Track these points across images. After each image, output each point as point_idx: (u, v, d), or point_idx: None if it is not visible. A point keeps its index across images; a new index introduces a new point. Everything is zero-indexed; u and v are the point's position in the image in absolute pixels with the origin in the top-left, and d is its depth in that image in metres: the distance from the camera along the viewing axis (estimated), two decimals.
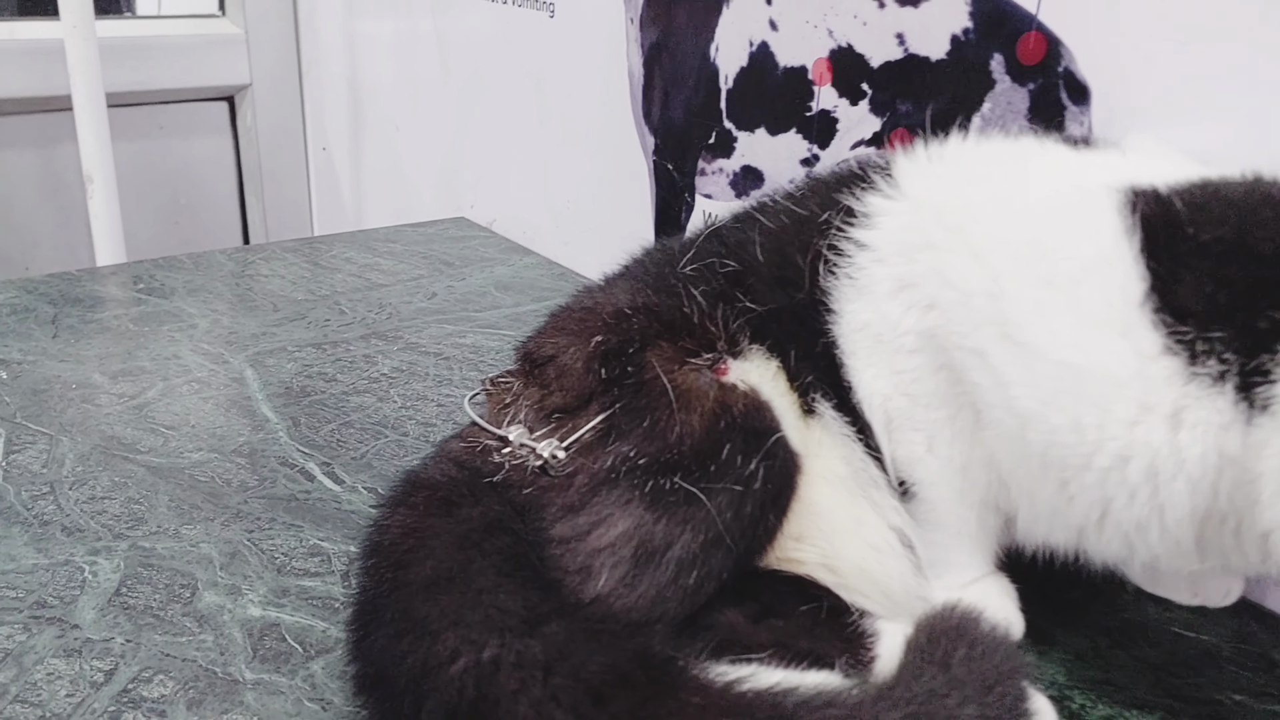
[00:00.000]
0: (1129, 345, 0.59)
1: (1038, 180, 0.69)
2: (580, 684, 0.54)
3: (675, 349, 0.68)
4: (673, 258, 0.78)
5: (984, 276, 0.64)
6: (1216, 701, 0.71)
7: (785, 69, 1.11)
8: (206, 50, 2.04)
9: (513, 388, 0.73)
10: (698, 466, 0.63)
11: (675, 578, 0.62)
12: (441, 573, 0.61)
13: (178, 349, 1.16)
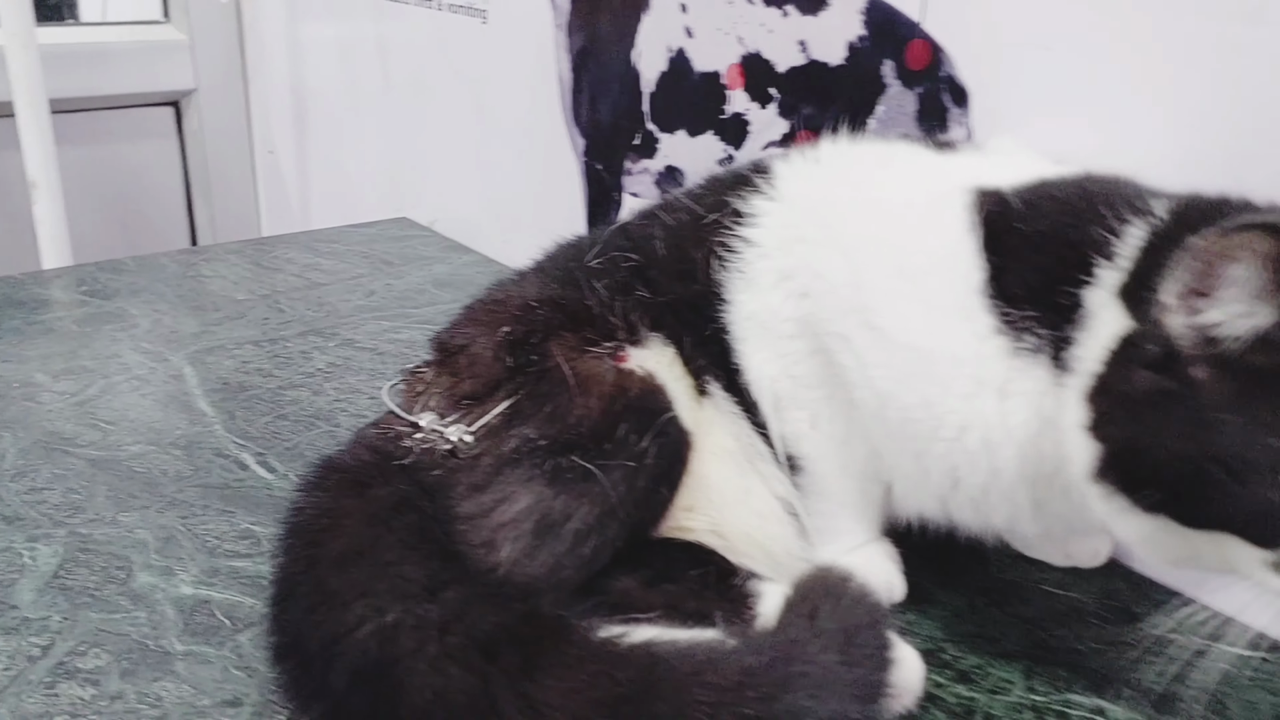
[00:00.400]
0: (968, 328, 0.67)
1: (901, 182, 0.76)
2: (473, 641, 0.60)
3: (577, 338, 0.74)
4: (580, 253, 0.84)
5: (848, 268, 0.72)
6: (1078, 651, 0.78)
7: (701, 74, 1.17)
8: (151, 56, 2.06)
9: (426, 377, 0.78)
10: (594, 445, 0.69)
11: (573, 548, 0.68)
12: (351, 548, 0.66)
13: (119, 348, 1.19)
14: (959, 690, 0.73)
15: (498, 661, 0.58)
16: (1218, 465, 0.57)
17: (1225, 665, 0.76)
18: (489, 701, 0.57)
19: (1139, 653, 0.78)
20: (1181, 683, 0.74)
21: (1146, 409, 0.60)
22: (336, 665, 0.61)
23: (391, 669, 0.59)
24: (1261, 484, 0.56)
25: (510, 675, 0.58)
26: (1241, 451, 0.56)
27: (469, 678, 0.58)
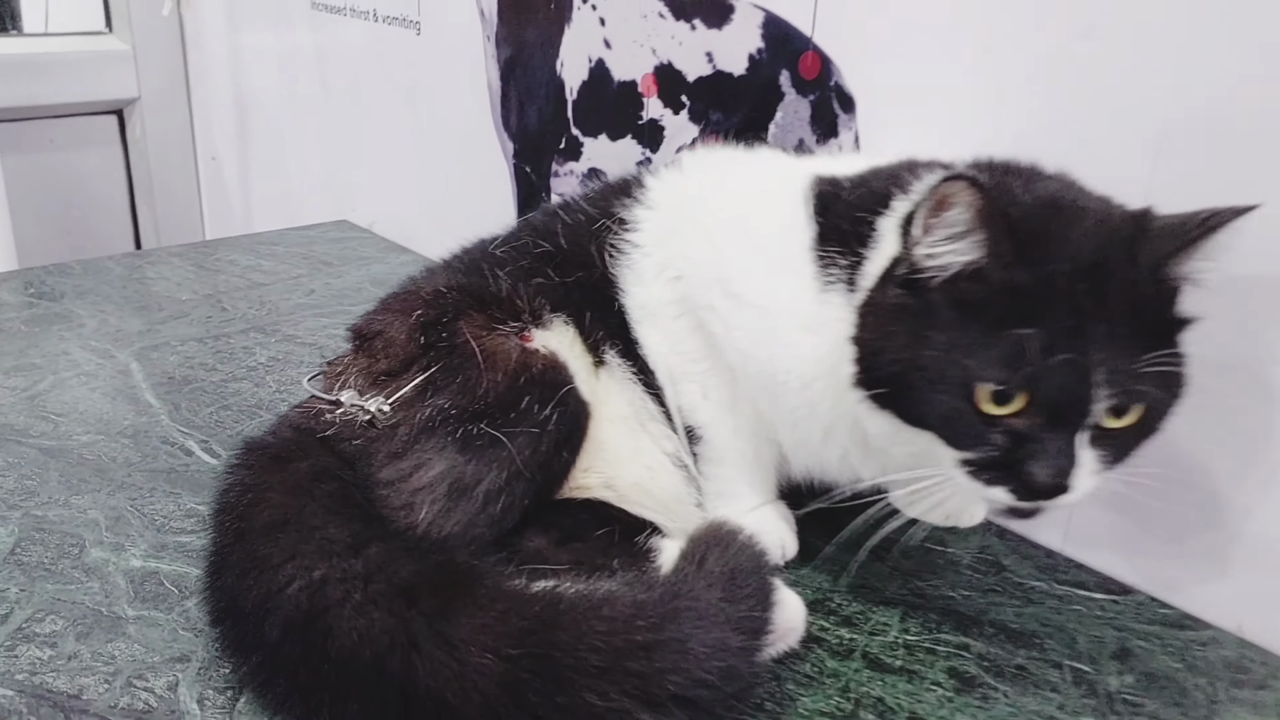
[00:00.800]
0: (796, 281, 0.79)
1: (753, 175, 0.88)
2: (394, 588, 0.67)
3: (485, 318, 0.82)
4: (485, 247, 0.93)
5: (710, 248, 0.84)
6: (949, 598, 0.87)
7: (619, 83, 1.25)
8: (95, 66, 2.10)
9: (344, 362, 0.85)
10: (501, 414, 0.77)
11: (484, 507, 0.76)
12: (277, 518, 0.72)
13: (67, 346, 1.25)
14: (841, 632, 0.82)
15: (417, 605, 0.66)
16: (921, 373, 0.69)
17: (1079, 607, 0.86)
18: (409, 639, 0.64)
19: (1003, 598, 0.87)
20: (1038, 621, 0.84)
21: (889, 319, 0.72)
22: (270, 619, 0.67)
23: (321, 617, 0.66)
24: (950, 394, 0.68)
25: (428, 616, 0.65)
26: (938, 364, 0.68)
27: (391, 620, 0.65)
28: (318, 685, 0.65)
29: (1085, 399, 0.66)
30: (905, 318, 0.70)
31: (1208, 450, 0.84)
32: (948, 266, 0.68)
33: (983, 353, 0.66)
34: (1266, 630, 0.83)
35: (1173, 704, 0.75)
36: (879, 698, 0.75)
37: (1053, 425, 0.67)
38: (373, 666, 0.63)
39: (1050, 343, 0.65)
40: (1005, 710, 0.74)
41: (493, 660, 0.62)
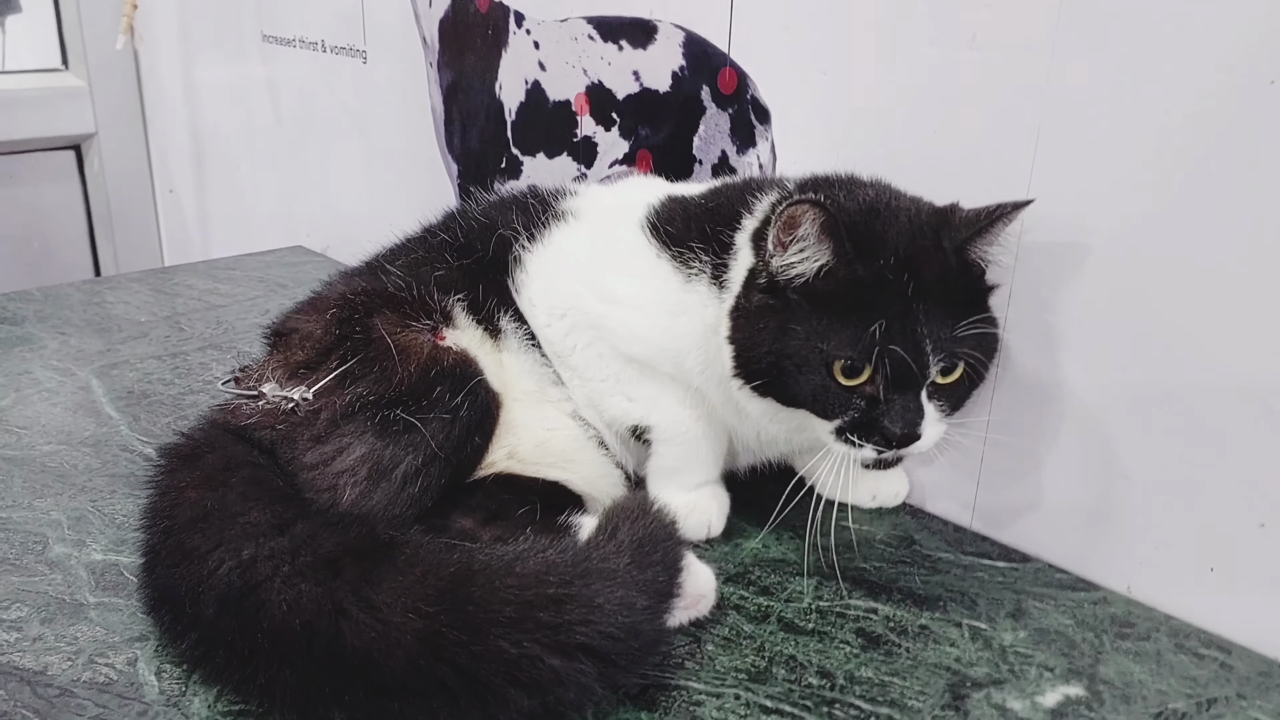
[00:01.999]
0: (659, 283, 0.92)
1: (608, 208, 1.00)
2: (319, 560, 0.72)
3: (397, 316, 0.89)
4: (390, 255, 1.03)
5: (587, 276, 0.95)
6: (862, 569, 0.94)
7: (554, 103, 1.33)
8: (51, 102, 2.15)
9: (261, 362, 0.91)
10: (414, 402, 0.84)
11: (403, 487, 0.82)
12: (199, 512, 0.77)
13: (29, 366, 1.29)
14: (759, 600, 0.88)
15: (341, 574, 0.71)
16: (789, 360, 0.83)
17: (981, 574, 0.94)
18: (334, 605, 0.69)
19: (912, 568, 0.94)
20: (943, 588, 0.91)
21: (756, 319, 0.85)
22: (203, 600, 0.72)
23: (253, 593, 0.71)
24: (815, 374, 0.82)
25: (352, 583, 0.70)
26: (802, 351, 0.82)
27: (318, 590, 0.70)
28: (254, 653, 0.70)
29: (919, 365, 0.80)
30: (770, 316, 0.84)
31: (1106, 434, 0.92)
32: (803, 273, 0.82)
33: (835, 336, 0.81)
34: (1152, 590, 0.90)
35: (1061, 654, 0.82)
36: (791, 655, 0.81)
37: (897, 388, 0.82)
38: (303, 633, 0.69)
39: (886, 324, 0.79)
40: (907, 663, 0.81)
41: (413, 618, 0.68)
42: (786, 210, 0.79)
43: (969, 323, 0.82)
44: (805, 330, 0.81)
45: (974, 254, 0.84)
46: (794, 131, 1.09)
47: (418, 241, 1.04)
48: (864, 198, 0.86)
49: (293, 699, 0.69)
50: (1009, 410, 0.96)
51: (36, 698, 0.73)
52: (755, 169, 1.13)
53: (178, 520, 0.78)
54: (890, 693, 0.77)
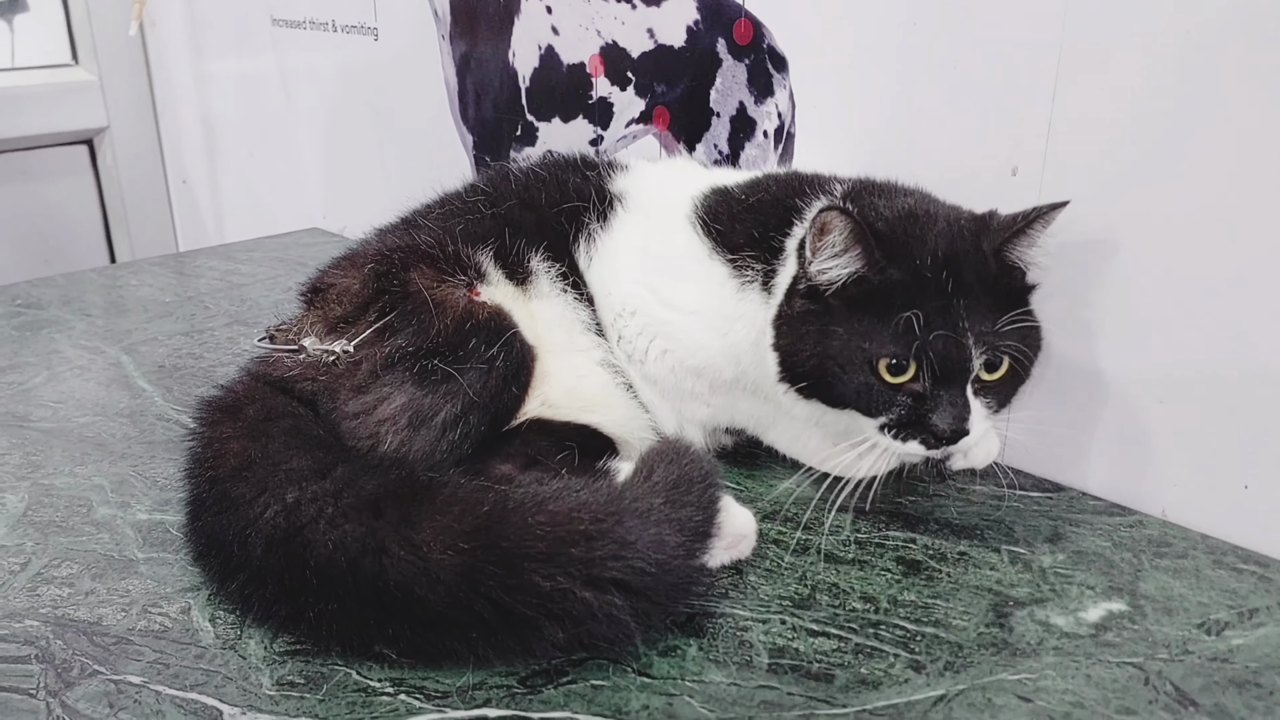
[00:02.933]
0: (715, 287, 0.94)
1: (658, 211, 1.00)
2: (361, 502, 0.74)
3: (434, 272, 0.90)
4: (423, 210, 1.04)
5: (647, 278, 0.98)
6: (898, 503, 0.95)
7: (569, 66, 1.33)
8: (62, 97, 2.16)
9: (298, 318, 0.93)
10: (452, 353, 0.85)
11: (443, 434, 0.84)
12: (242, 462, 0.79)
13: (58, 345, 1.31)
14: (798, 535, 0.89)
15: (383, 515, 0.72)
16: (833, 362, 0.85)
17: (1016, 504, 0.94)
18: (377, 545, 0.70)
19: (947, 501, 0.95)
20: (979, 517, 0.92)
21: (799, 325, 0.87)
22: (251, 543, 0.74)
23: (299, 534, 0.73)
24: (859, 373, 0.84)
25: (393, 524, 0.71)
26: (845, 352, 0.84)
27: (361, 529, 0.72)
28: (301, 589, 0.71)
29: (963, 359, 0.82)
30: (812, 320, 0.86)
31: (1124, 361, 0.92)
32: (836, 278, 0.84)
33: (877, 336, 0.83)
34: (1188, 511, 0.91)
35: (1101, 574, 0.83)
36: (833, 583, 0.82)
37: (943, 384, 0.83)
38: (348, 570, 0.70)
39: (927, 320, 0.81)
40: (948, 586, 0.81)
41: (451, 555, 0.69)
42: (818, 218, 0.82)
43: (1011, 317, 0.84)
44: (846, 332, 0.84)
45: (1013, 256, 0.86)
46: (812, 78, 1.10)
47: (454, 196, 1.05)
48: (903, 205, 0.88)
49: (339, 633, 0.71)
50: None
51: (94, 645, 0.74)
52: (774, 118, 1.14)
53: (221, 470, 0.79)
54: (934, 613, 0.78)
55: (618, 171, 1.05)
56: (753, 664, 0.72)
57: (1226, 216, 0.83)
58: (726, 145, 1.19)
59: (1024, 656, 0.73)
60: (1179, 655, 0.73)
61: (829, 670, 0.71)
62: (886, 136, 1.03)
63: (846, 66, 1.06)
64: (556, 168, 1.05)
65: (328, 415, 0.85)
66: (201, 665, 0.72)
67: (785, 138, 1.13)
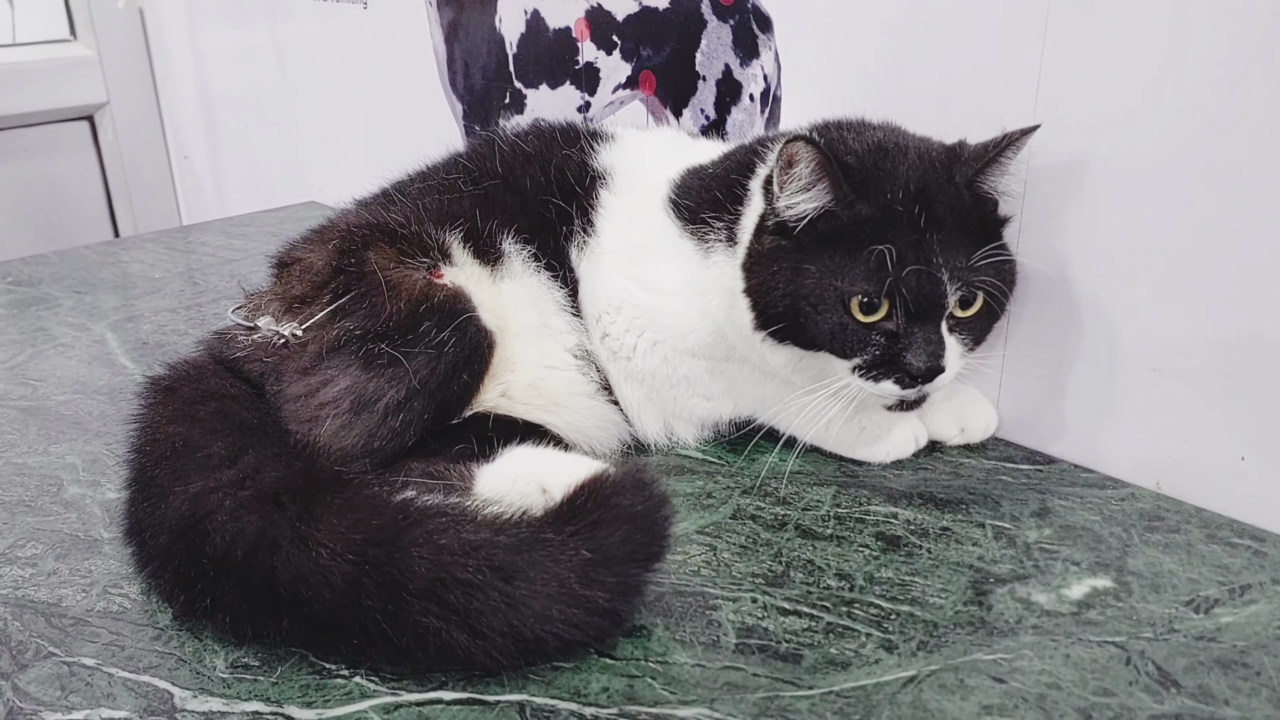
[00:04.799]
0: (684, 262, 0.92)
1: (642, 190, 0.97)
2: (261, 494, 0.72)
3: (394, 251, 0.87)
4: (404, 182, 1.02)
5: (628, 268, 0.95)
6: (881, 476, 0.92)
7: (555, 30, 1.30)
8: (61, 73, 2.15)
9: (265, 291, 0.91)
10: (400, 337, 0.83)
11: (384, 420, 0.81)
12: (167, 448, 0.77)
13: (44, 323, 1.30)
14: (776, 510, 0.87)
15: (284, 509, 0.70)
16: (805, 301, 0.82)
17: (1005, 478, 0.91)
18: (272, 539, 0.68)
19: (933, 475, 0.92)
20: (965, 491, 0.89)
21: (769, 262, 0.84)
22: (160, 531, 0.73)
23: (200, 524, 0.71)
24: (831, 312, 0.81)
25: (290, 519, 0.69)
26: (817, 290, 0.82)
27: (259, 523, 0.70)
28: (199, 577, 0.70)
29: (937, 294, 0.80)
30: (782, 256, 0.83)
31: (1119, 330, 0.88)
32: (804, 213, 0.81)
33: (848, 272, 0.80)
34: (1182, 484, 0.87)
35: (1088, 549, 0.80)
36: (809, 560, 0.79)
37: (917, 321, 0.81)
38: (243, 562, 0.68)
39: (899, 256, 0.79)
40: (928, 563, 0.79)
41: (340, 563, 0.66)
42: (784, 149, 0.79)
43: (985, 251, 0.81)
44: (818, 269, 0.81)
45: (986, 186, 0.84)
46: (798, 36, 1.06)
47: (434, 170, 1.03)
48: (871, 139, 0.86)
49: (232, 623, 0.70)
50: (1028, 316, 0.93)
51: (51, 627, 0.73)
52: (760, 81, 1.10)
53: (149, 455, 0.78)
54: (911, 591, 0.75)
55: (604, 144, 1.02)
56: (719, 644, 0.70)
57: (1224, 172, 0.79)
58: (713, 110, 1.16)
59: (1001, 636, 0.70)
60: (1164, 634, 0.70)
61: (797, 650, 0.69)
62: (873, 97, 1.00)
63: (832, 25, 1.02)
64: (543, 141, 1.02)
65: (273, 398, 0.83)
66: (157, 647, 0.71)
67: (772, 101, 1.10)
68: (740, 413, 0.97)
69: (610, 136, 1.03)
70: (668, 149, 1.03)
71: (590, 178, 0.98)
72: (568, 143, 1.01)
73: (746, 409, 0.97)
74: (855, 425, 0.93)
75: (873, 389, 0.83)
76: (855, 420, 0.93)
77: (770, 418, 0.96)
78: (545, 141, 1.02)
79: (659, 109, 1.22)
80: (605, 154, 1.01)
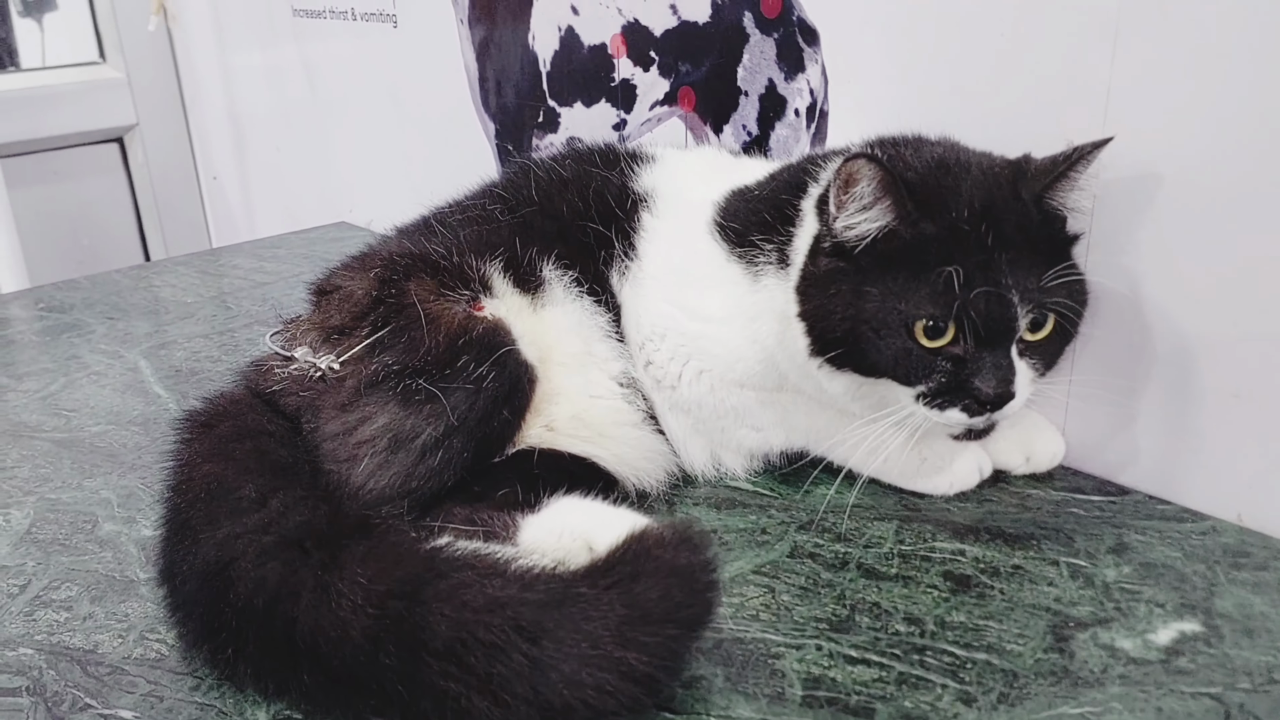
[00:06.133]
0: (732, 287, 0.88)
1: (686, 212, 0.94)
2: (285, 539, 0.68)
3: (434, 283, 0.84)
4: (443, 211, 0.99)
5: (673, 293, 0.92)
6: (945, 509, 0.88)
7: (590, 47, 1.27)
8: (91, 96, 2.15)
9: (304, 318, 0.88)
10: (438, 372, 0.79)
11: (421, 459, 0.78)
12: (201, 490, 0.74)
13: (77, 351, 1.28)
14: (836, 547, 0.83)
15: (307, 556, 0.67)
16: (865, 325, 0.78)
17: (1076, 510, 0.87)
18: (293, 589, 0.65)
19: (999, 507, 0.88)
20: (1034, 525, 0.85)
21: (826, 284, 0.80)
22: (189, 577, 0.70)
23: (225, 570, 0.68)
24: (894, 336, 0.77)
25: (313, 567, 0.66)
26: (879, 313, 0.77)
27: (281, 570, 0.66)
28: (222, 627, 0.67)
29: (1007, 317, 0.76)
30: (841, 279, 0.79)
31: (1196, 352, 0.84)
32: (865, 233, 0.77)
33: (912, 294, 0.76)
34: (1266, 517, 0.83)
35: (1171, 589, 0.75)
36: (874, 602, 0.75)
37: (985, 346, 0.77)
38: (264, 612, 0.65)
39: (967, 277, 0.75)
40: (1001, 605, 0.74)
41: (361, 617, 0.63)
42: (843, 167, 0.76)
43: (1056, 271, 0.77)
44: (880, 291, 0.77)
45: (1055, 202, 0.80)
46: (846, 50, 1.02)
47: (473, 198, 1.00)
48: (931, 154, 0.82)
49: (253, 674, 0.66)
50: (1098, 337, 0.89)
51: (88, 677, 0.70)
52: (805, 95, 1.06)
53: (185, 496, 0.76)
54: (986, 637, 0.71)
55: (644, 165, 0.99)
56: (785, 696, 0.66)
57: None
58: (756, 125, 1.12)
59: (1086, 686, 0.66)
60: (1263, 685, 0.65)
61: (869, 703, 0.65)
62: (927, 111, 0.96)
63: (882, 36, 0.98)
64: (580, 164, 0.99)
65: (310, 435, 0.80)
66: (196, 698, 0.68)
67: (818, 115, 1.06)
68: (792, 445, 0.93)
69: (651, 157, 1.00)
70: (711, 169, 0.99)
71: (631, 200, 0.94)
72: (606, 165, 0.97)
73: (799, 441, 0.92)
74: (917, 456, 0.89)
75: (938, 418, 0.79)
76: (917, 450, 0.89)
77: (825, 449, 0.92)
78: (583, 165, 0.98)
79: (698, 125, 1.18)
80: (646, 175, 0.97)
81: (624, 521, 0.72)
